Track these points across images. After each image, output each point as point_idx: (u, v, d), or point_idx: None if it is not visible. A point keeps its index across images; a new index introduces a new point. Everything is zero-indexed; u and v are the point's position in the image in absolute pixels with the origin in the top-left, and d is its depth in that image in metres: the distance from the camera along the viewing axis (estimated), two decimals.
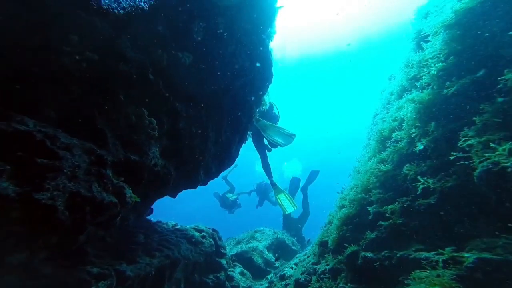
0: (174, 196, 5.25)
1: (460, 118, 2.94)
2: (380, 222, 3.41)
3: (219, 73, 4.27)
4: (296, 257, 6.99)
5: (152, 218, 6.57)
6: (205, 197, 11.82)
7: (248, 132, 6.98)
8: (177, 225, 6.29)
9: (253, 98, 5.51)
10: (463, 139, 2.54)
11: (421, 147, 3.16)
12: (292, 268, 5.99)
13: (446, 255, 2.32)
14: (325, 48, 16.97)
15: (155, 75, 3.12)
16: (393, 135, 3.77)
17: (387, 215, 3.37)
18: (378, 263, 3.06)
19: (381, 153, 3.92)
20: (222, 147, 5.21)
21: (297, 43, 15.68)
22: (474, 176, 2.38)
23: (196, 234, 5.73)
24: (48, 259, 2.29)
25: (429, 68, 3.35)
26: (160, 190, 3.86)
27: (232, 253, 8.36)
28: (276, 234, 9.59)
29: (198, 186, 5.89)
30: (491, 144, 2.23)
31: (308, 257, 5.39)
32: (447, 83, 3.12)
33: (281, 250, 9.31)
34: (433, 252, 2.51)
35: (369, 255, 3.22)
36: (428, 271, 2.23)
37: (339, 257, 3.79)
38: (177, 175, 4.10)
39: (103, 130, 2.53)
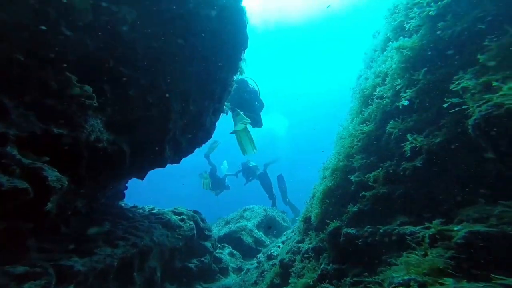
0: (141, 177, 4.78)
1: (453, 63, 2.44)
2: (363, 192, 3.00)
3: (177, 35, 3.64)
4: (284, 235, 6.74)
5: (129, 203, 6.16)
6: (195, 178, 11.34)
7: (227, 104, 6.38)
8: (154, 209, 5.90)
9: (225, 63, 4.89)
10: (457, 82, 2.05)
11: (406, 101, 2.68)
12: (279, 246, 5.71)
13: (433, 229, 1.91)
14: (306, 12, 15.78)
15: (78, 30, 2.50)
16: (376, 91, 3.26)
17: (369, 183, 2.96)
18: (361, 240, 2.67)
19: (363, 113, 3.44)
20: (193, 119, 4.67)
21: (276, 7, 14.54)
22: (468, 125, 1.91)
23: (173, 217, 5.34)
24: None
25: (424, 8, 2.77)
26: (116, 171, 3.36)
27: (220, 234, 8.11)
28: (265, 212, 9.33)
29: (178, 165, 5.41)
30: (494, 83, 1.74)
31: (294, 234, 5.07)
32: (440, 24, 2.58)
33: (271, 227, 9.11)
34: (419, 227, 2.10)
35: (352, 232, 2.83)
36: (415, 252, 1.82)
37: (321, 235, 3.42)
38: (135, 152, 3.60)
39: None
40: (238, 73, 5.89)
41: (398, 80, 2.82)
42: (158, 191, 29.79)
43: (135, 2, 3.08)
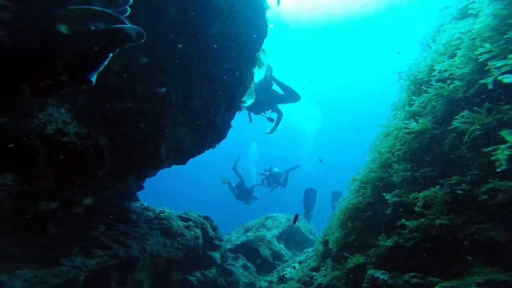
0: (142, 179, 4.35)
1: None
2: (404, 220, 2.07)
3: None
4: (304, 252, 5.83)
5: (146, 203, 5.86)
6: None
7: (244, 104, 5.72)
8: (163, 213, 5.48)
9: (238, 53, 4.25)
10: None
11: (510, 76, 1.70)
12: (294, 267, 4.85)
13: None
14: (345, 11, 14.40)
15: None
16: (436, 71, 2.28)
17: (417, 208, 2.02)
18: None
19: (412, 105, 2.48)
20: (198, 115, 4.10)
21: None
22: None
23: (177, 224, 4.83)
24: None
25: None
26: (93, 171, 2.90)
27: (238, 242, 7.48)
28: (289, 222, 8.44)
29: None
30: None
31: (311, 258, 4.19)
32: None
33: (294, 239, 8.20)
34: None
35: (382, 277, 1.94)
36: None
37: (338, 271, 2.53)
38: (123, 150, 3.12)
39: None
40: (257, 66, 5.18)
41: (486, 45, 1.82)
42: (189, 193, 30.49)
43: None
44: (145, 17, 2.86)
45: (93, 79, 1.51)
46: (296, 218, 4.81)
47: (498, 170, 1.60)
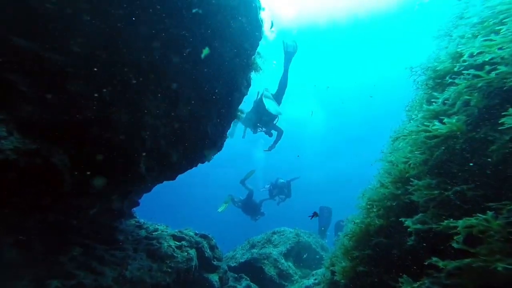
0: (125, 196, 3.92)
1: None
2: (435, 259, 1.48)
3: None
4: (313, 275, 5.17)
5: (141, 219, 5.45)
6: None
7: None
8: (156, 231, 5.03)
9: (232, 56, 3.81)
10: None
11: None
12: None
13: None
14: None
15: None
16: (465, 54, 1.72)
17: (456, 245, 1.44)
18: None
19: (434, 102, 1.92)
20: (187, 126, 3.67)
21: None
22: None
23: (168, 244, 4.35)
24: None
25: None
26: (51, 191, 2.48)
27: (242, 260, 6.90)
28: (298, 237, 7.77)
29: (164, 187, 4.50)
30: None
31: (319, 285, 3.57)
32: None
33: (304, 256, 7.50)
34: None
35: None
36: None
37: None
38: (92, 167, 2.70)
39: None
40: (253, 71, 4.73)
41: None
42: (197, 206, 29.91)
43: None
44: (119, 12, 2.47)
45: None
46: (315, 214, 4.24)
47: None
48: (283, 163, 21.75)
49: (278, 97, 6.20)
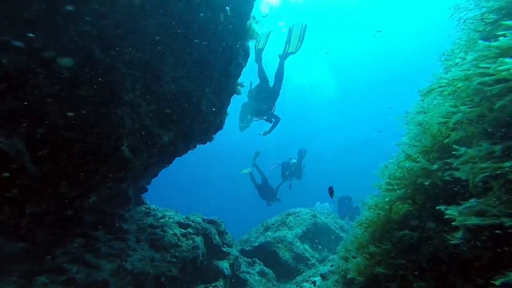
0: (120, 186, 3.63)
1: None
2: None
3: None
4: (330, 261, 4.78)
5: (152, 205, 5.28)
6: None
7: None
8: (163, 218, 4.80)
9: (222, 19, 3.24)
10: None
11: None
12: (314, 283, 3.85)
13: None
14: None
15: None
16: None
17: None
18: None
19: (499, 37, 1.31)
20: (175, 102, 3.23)
21: None
22: None
23: (172, 232, 4.10)
24: None
25: None
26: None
27: (255, 244, 6.66)
28: (314, 219, 7.38)
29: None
30: None
31: (333, 275, 3.16)
32: None
33: (321, 239, 7.13)
34: None
35: None
36: None
37: None
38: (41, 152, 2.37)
39: None
40: (249, 39, 4.12)
41: None
42: (217, 186, 30.11)
43: None
44: None
45: None
46: (331, 191, 3.77)
47: None
48: (295, 135, 21.21)
49: (275, 91, 6.07)
